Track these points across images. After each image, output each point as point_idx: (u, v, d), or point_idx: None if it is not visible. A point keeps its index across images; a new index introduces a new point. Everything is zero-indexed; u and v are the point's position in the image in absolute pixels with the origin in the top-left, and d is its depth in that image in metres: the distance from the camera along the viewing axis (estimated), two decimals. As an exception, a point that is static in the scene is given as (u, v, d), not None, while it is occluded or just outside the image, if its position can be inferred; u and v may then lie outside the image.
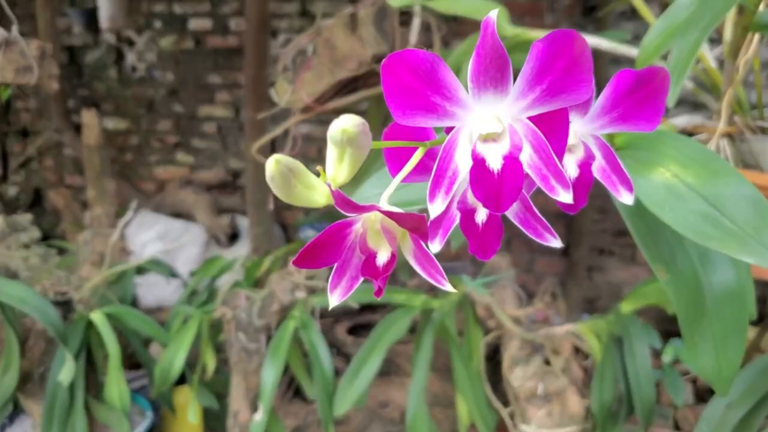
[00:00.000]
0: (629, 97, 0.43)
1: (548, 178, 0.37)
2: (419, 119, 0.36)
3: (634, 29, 2.47)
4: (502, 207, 0.36)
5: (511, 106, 0.37)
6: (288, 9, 2.73)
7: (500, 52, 0.35)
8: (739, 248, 0.49)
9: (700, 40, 0.70)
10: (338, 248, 0.38)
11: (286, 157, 0.33)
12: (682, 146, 0.55)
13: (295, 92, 1.46)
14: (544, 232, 0.43)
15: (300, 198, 0.34)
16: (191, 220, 2.75)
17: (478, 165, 0.36)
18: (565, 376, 1.54)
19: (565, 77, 0.35)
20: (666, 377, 1.59)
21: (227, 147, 2.93)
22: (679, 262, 0.60)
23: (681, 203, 0.53)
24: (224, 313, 1.67)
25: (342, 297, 0.40)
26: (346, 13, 1.42)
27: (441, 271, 0.38)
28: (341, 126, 0.34)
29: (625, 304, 1.58)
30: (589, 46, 0.38)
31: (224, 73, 2.85)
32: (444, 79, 0.36)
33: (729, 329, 0.60)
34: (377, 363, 1.52)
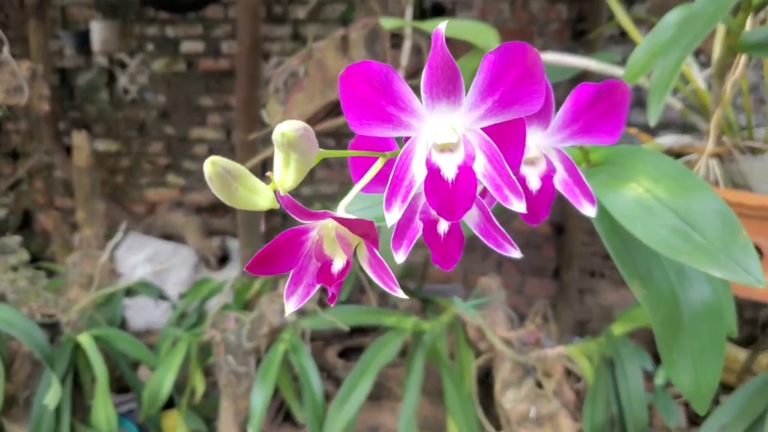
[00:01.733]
0: (590, 110, 0.43)
1: (502, 187, 0.37)
2: (375, 129, 0.36)
3: (623, 52, 2.49)
4: (457, 215, 0.36)
5: (464, 117, 0.37)
6: (280, 32, 2.75)
7: (450, 64, 0.35)
8: (709, 262, 0.49)
9: (682, 59, 0.70)
10: (294, 255, 0.38)
11: (224, 159, 0.33)
12: (654, 162, 0.55)
13: (287, 113, 1.46)
14: (504, 243, 0.43)
15: (242, 201, 0.34)
16: (181, 243, 2.74)
17: (433, 174, 0.36)
18: (557, 399, 1.53)
19: (516, 88, 0.35)
20: (658, 400, 1.58)
21: (220, 170, 2.93)
22: (656, 277, 0.59)
23: (652, 218, 0.52)
24: (213, 335, 1.66)
25: (298, 304, 0.39)
26: (337, 35, 1.43)
27: (392, 277, 0.38)
28: (281, 130, 0.34)
29: (617, 326, 1.57)
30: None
31: (216, 95, 2.86)
32: (398, 90, 0.36)
33: (707, 345, 0.59)
34: (368, 387, 1.50)
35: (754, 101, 1.98)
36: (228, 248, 2.75)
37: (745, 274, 0.47)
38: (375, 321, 1.68)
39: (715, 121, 0.97)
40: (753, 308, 2.33)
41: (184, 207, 2.83)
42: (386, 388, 1.92)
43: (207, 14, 2.77)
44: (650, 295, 0.59)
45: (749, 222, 0.91)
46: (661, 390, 1.60)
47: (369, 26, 1.48)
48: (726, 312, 0.59)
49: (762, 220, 0.92)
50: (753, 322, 2.27)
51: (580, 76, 1.75)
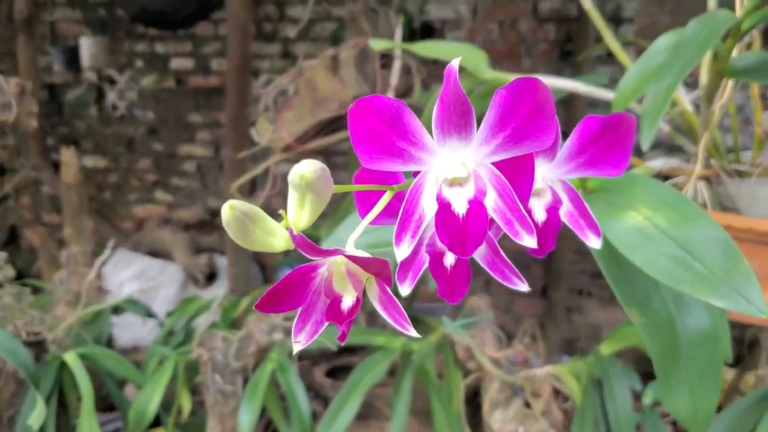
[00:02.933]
0: (596, 142, 0.43)
1: (512, 222, 0.37)
2: (386, 164, 0.36)
3: (611, 73, 2.52)
4: (468, 251, 0.36)
5: (475, 152, 0.37)
6: (269, 50, 2.75)
7: (463, 99, 0.35)
8: (710, 292, 0.49)
9: (674, 84, 0.71)
10: (303, 292, 0.37)
11: (242, 202, 0.32)
12: (653, 190, 0.56)
13: (276, 131, 1.46)
14: (512, 276, 0.43)
15: (258, 243, 0.34)
16: (169, 260, 2.73)
17: (444, 209, 0.36)
18: (545, 419, 1.53)
19: (528, 124, 0.35)
20: (646, 420, 1.58)
21: (206, 186, 2.92)
22: (654, 304, 0.59)
23: (652, 246, 0.53)
24: (201, 354, 1.65)
25: (306, 341, 0.39)
26: (327, 55, 1.43)
27: (405, 316, 0.37)
28: (300, 171, 0.34)
29: (605, 346, 1.58)
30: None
31: (205, 112, 2.86)
32: (409, 124, 0.36)
33: (704, 372, 0.59)
34: (356, 406, 1.50)
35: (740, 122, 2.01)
36: (216, 265, 2.73)
37: (747, 304, 0.47)
38: (364, 341, 1.68)
39: (703, 144, 0.98)
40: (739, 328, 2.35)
41: (171, 224, 2.82)
42: (374, 408, 1.92)
43: (197, 31, 2.78)
44: (648, 322, 0.59)
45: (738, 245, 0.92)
46: (649, 410, 1.60)
47: (359, 46, 1.49)
48: (723, 338, 0.59)
49: (750, 243, 0.92)
50: (740, 342, 2.29)
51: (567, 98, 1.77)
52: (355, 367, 1.58)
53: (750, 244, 0.93)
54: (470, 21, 2.61)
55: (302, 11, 2.70)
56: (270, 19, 2.73)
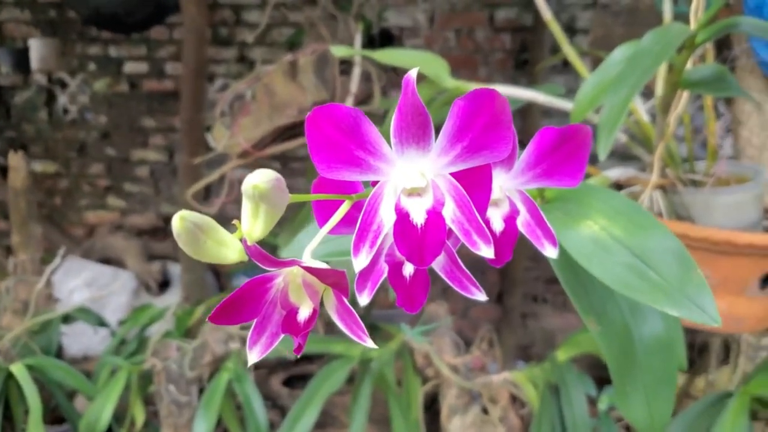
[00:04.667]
0: (553, 153, 0.43)
1: (470, 233, 0.37)
2: (344, 173, 0.36)
3: (565, 82, 2.55)
4: (426, 261, 0.35)
5: (434, 162, 0.37)
6: (225, 54, 2.73)
7: (420, 110, 0.35)
8: (665, 301, 0.49)
9: (630, 96, 0.72)
10: (258, 303, 0.37)
11: (193, 213, 0.31)
12: (609, 199, 0.56)
13: (233, 137, 1.45)
14: (470, 286, 0.43)
15: (211, 254, 0.33)
16: (121, 267, 2.67)
17: (402, 219, 0.36)
18: (502, 426, 1.54)
19: (485, 134, 0.35)
20: (602, 425, 1.60)
21: (160, 191, 2.87)
22: (610, 313, 0.60)
23: (608, 256, 0.53)
24: (154, 364, 1.61)
25: (262, 354, 0.38)
26: (286, 60, 1.42)
27: (362, 327, 0.37)
28: (253, 182, 0.33)
29: (561, 352, 1.59)
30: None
31: (159, 116, 2.81)
32: (367, 133, 0.35)
33: (659, 379, 0.60)
34: (314, 416, 1.49)
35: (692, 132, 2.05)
36: (169, 273, 2.69)
37: (701, 313, 0.48)
38: (322, 349, 1.66)
39: (658, 153, 1.00)
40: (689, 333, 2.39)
41: (124, 230, 2.76)
42: (332, 416, 1.90)
43: (151, 35, 2.73)
44: (605, 330, 0.60)
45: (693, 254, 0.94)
46: (605, 415, 1.62)
47: (318, 52, 1.48)
48: (677, 345, 0.60)
49: (705, 252, 0.94)
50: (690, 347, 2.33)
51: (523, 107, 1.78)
52: (314, 375, 1.57)
53: (705, 253, 0.95)
54: (427, 29, 2.62)
55: (259, 16, 2.68)
56: (226, 24, 2.70)
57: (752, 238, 0.91)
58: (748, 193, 0.97)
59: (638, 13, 1.69)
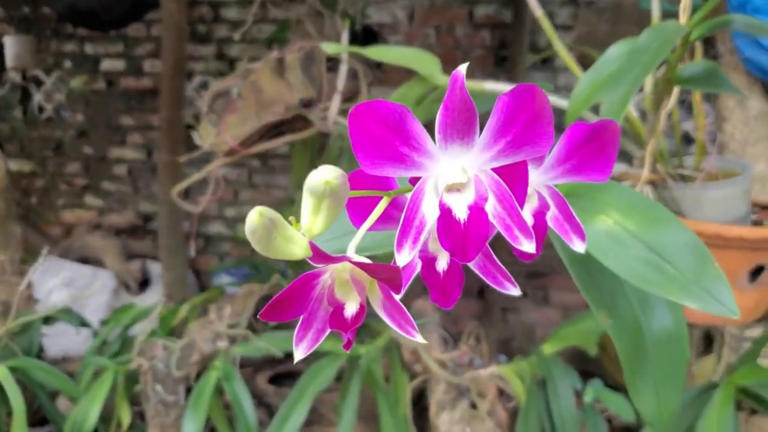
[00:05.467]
0: (582, 149, 0.44)
1: (512, 228, 0.37)
2: (387, 169, 0.36)
3: (544, 78, 2.57)
4: (469, 256, 0.36)
5: (476, 157, 0.37)
6: (204, 51, 2.71)
7: (468, 105, 0.35)
8: (682, 293, 0.50)
9: (631, 92, 0.73)
10: (305, 300, 0.37)
11: (267, 208, 0.31)
12: (621, 194, 0.57)
13: (220, 135, 1.44)
14: (504, 281, 0.43)
15: (279, 251, 0.33)
16: (100, 266, 2.64)
17: (445, 214, 0.36)
18: (490, 420, 1.55)
19: (528, 130, 0.36)
20: (587, 417, 1.62)
21: (138, 190, 2.84)
22: (621, 307, 0.61)
23: (624, 250, 0.54)
24: (141, 364, 1.60)
25: (307, 350, 0.38)
26: (272, 58, 1.42)
27: (411, 322, 0.37)
28: (324, 177, 0.33)
29: (548, 346, 1.61)
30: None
31: (137, 114, 2.79)
32: (412, 130, 0.35)
33: (668, 373, 0.61)
34: (303, 413, 1.49)
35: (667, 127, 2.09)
36: (149, 272, 2.66)
37: (719, 305, 0.49)
38: (309, 346, 1.66)
39: (650, 149, 1.01)
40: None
41: (102, 229, 2.73)
42: (318, 414, 1.90)
43: (129, 32, 2.70)
44: (616, 324, 0.61)
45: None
46: (590, 407, 1.64)
47: (305, 49, 1.48)
48: (685, 339, 0.61)
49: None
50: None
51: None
52: (301, 373, 1.57)
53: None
54: (407, 26, 2.63)
55: (237, 12, 2.66)
56: (204, 21, 2.68)
57: (742, 232, 0.93)
58: (736, 187, 0.99)
59: (622, 10, 1.71)
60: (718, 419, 1.25)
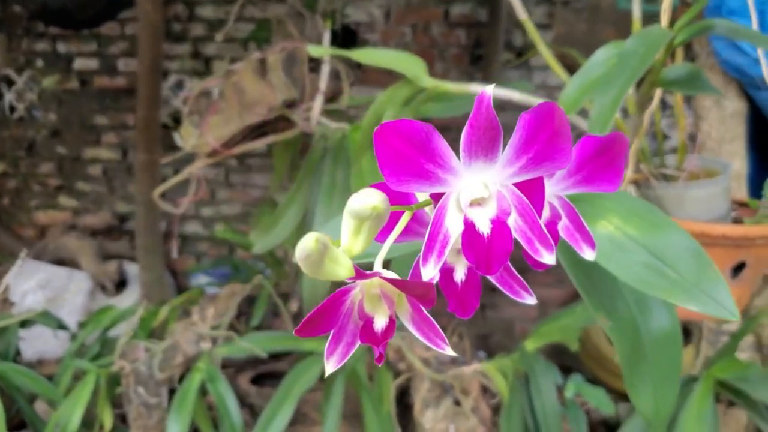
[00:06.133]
0: (593, 160, 0.45)
1: (533, 241, 0.38)
2: (413, 186, 0.37)
3: (519, 77, 2.59)
4: (493, 269, 0.37)
5: (498, 173, 0.38)
6: (179, 50, 2.68)
7: (494, 124, 0.36)
8: (684, 296, 0.52)
9: (621, 95, 0.74)
10: (336, 314, 0.37)
11: (321, 234, 0.32)
12: (621, 199, 0.58)
13: (202, 136, 1.43)
14: (520, 290, 0.44)
15: (327, 272, 0.34)
16: (75, 268, 2.61)
17: (469, 229, 0.37)
18: (474, 416, 1.57)
19: (549, 147, 0.37)
20: (569, 412, 1.65)
21: (114, 190, 2.81)
22: (619, 309, 0.62)
23: (625, 255, 0.55)
24: (123, 366, 1.59)
25: (338, 364, 0.39)
26: (254, 58, 1.42)
27: (441, 335, 0.38)
28: (372, 203, 0.34)
29: (530, 343, 1.63)
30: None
31: (111, 114, 2.75)
32: (438, 147, 0.36)
33: (665, 372, 0.63)
34: (289, 413, 1.49)
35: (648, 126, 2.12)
36: (126, 272, 2.64)
37: (719, 308, 0.51)
38: (293, 347, 1.67)
39: (634, 149, 1.04)
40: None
41: (77, 230, 2.69)
42: (302, 414, 1.90)
43: (102, 31, 2.66)
44: (615, 326, 0.62)
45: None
46: (571, 402, 1.67)
47: (287, 50, 1.48)
48: (680, 339, 0.63)
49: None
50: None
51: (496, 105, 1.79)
52: (285, 374, 1.57)
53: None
54: (383, 24, 2.63)
55: (213, 11, 2.64)
56: (179, 19, 2.65)
57: (725, 230, 0.95)
58: (718, 186, 1.02)
59: (599, 10, 1.73)
60: (698, 412, 1.28)
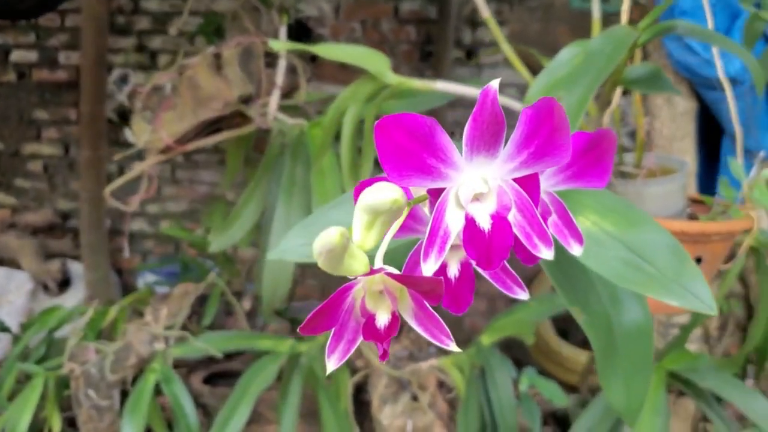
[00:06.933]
0: (583, 157, 0.46)
1: (532, 236, 0.38)
2: (414, 180, 0.36)
3: (469, 74, 2.61)
4: (494, 264, 0.37)
5: (499, 168, 0.38)
6: (123, 44, 2.62)
7: (499, 119, 0.36)
8: (662, 291, 0.53)
9: (588, 95, 0.75)
10: (337, 311, 0.37)
11: (345, 229, 0.31)
12: (598, 196, 0.59)
13: (155, 132, 1.40)
14: (514, 286, 0.44)
15: (346, 268, 0.33)
16: (15, 267, 2.52)
17: (470, 224, 0.37)
18: (431, 411, 1.58)
19: (549, 142, 0.37)
20: (523, 404, 1.67)
21: (55, 187, 2.73)
22: (593, 303, 0.63)
23: (603, 250, 0.56)
24: (72, 369, 1.54)
25: (339, 362, 0.38)
26: (209, 53, 1.39)
27: (446, 331, 0.38)
28: (392, 197, 0.33)
29: (485, 337, 1.65)
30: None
31: (52, 108, 2.67)
32: (441, 142, 0.36)
33: (636, 365, 0.64)
34: (246, 414, 1.47)
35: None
36: (69, 271, 2.56)
37: (698, 302, 0.52)
38: (249, 346, 1.65)
39: (593, 148, 1.05)
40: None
41: (17, 228, 2.60)
42: (256, 413, 1.88)
43: (41, 22, 2.58)
44: (589, 320, 0.63)
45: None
46: (525, 395, 1.69)
47: (243, 44, 1.45)
48: (651, 333, 0.64)
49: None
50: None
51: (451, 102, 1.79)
52: (237, 372, 1.55)
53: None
54: (333, 19, 2.62)
55: (158, 4, 2.59)
56: (123, 12, 2.59)
57: (684, 226, 0.98)
58: (675, 183, 1.04)
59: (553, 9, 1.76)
60: (652, 403, 1.31)
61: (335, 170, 1.24)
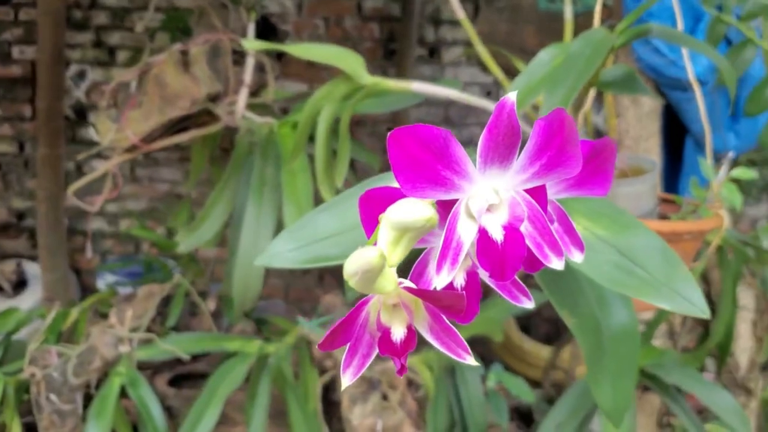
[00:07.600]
0: (585, 165, 0.46)
1: (543, 246, 0.38)
2: (428, 192, 0.36)
3: (432, 72, 2.62)
4: (507, 276, 0.37)
5: (511, 179, 0.38)
6: (81, 39, 2.55)
7: (515, 130, 0.36)
8: (655, 295, 0.54)
9: (569, 96, 0.76)
10: (353, 325, 0.36)
11: (382, 250, 0.31)
12: (588, 201, 0.60)
13: (120, 131, 1.37)
14: (519, 294, 0.44)
15: (377, 287, 0.32)
16: (-32, 268, 2.45)
17: (483, 236, 0.37)
18: (401, 410, 1.58)
19: (560, 153, 0.37)
20: (491, 401, 1.68)
21: (9, 185, 2.65)
22: (581, 306, 0.64)
23: (595, 254, 0.57)
24: (33, 373, 1.50)
25: (354, 376, 0.38)
26: (176, 50, 1.36)
27: (463, 344, 0.37)
28: (426, 215, 0.33)
29: (454, 335, 1.66)
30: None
31: (6, 104, 2.59)
32: (455, 153, 0.36)
33: (624, 366, 0.65)
34: (215, 416, 1.45)
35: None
36: (25, 272, 2.49)
37: (690, 305, 0.53)
38: (216, 347, 1.62)
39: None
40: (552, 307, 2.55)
41: (-30, 229, 2.53)
42: (223, 415, 1.86)
43: (-7, 15, 2.51)
44: (578, 322, 0.63)
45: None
46: (493, 392, 1.70)
47: (210, 42, 1.43)
48: (637, 334, 0.65)
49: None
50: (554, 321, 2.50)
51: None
52: (203, 374, 1.54)
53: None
54: (296, 16, 2.60)
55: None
56: (80, 6, 2.53)
57: (656, 226, 0.99)
58: (646, 183, 1.06)
59: (521, 10, 1.77)
60: (620, 398, 1.33)
61: (306, 170, 1.23)
